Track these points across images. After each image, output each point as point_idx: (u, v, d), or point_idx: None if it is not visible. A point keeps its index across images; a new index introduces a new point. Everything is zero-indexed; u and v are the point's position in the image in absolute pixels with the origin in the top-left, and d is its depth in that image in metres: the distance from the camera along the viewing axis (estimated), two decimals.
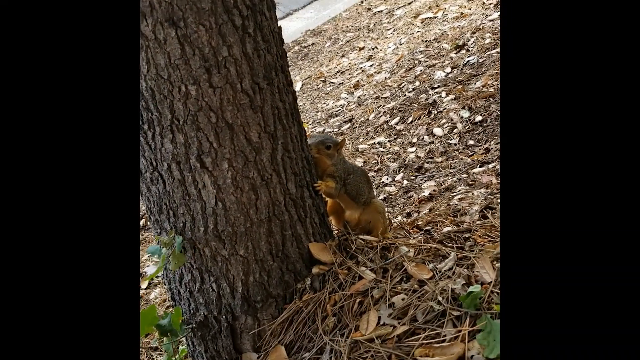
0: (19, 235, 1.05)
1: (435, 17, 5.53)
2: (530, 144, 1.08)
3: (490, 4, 5.06)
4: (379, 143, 3.63)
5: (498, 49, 3.94)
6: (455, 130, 3.36)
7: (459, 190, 2.49)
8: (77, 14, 1.10)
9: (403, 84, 4.33)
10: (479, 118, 3.33)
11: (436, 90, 3.94)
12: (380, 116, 4.02)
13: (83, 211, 1.10)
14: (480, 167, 2.80)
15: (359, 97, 4.59)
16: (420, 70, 4.40)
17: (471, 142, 3.18)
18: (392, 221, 2.17)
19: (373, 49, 5.63)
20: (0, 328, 1.02)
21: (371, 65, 5.18)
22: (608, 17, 1.04)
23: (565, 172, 1.06)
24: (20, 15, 1.06)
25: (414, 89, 4.15)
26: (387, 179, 3.18)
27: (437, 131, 3.44)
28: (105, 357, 1.07)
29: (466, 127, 3.33)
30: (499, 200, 2.08)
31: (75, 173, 1.10)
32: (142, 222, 3.60)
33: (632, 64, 1.03)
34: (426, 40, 4.98)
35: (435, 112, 3.67)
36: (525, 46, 1.09)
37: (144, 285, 3.07)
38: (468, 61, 4.13)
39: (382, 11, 6.75)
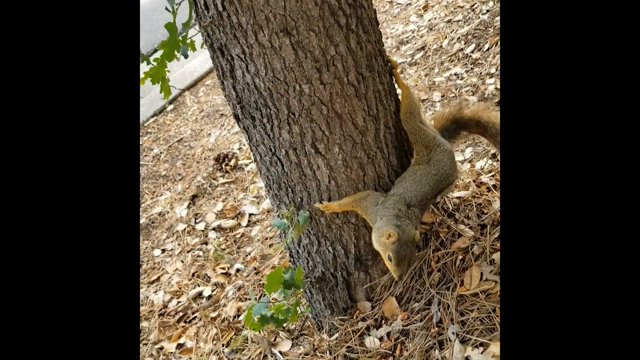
0: (18, 231, 1.05)
1: None
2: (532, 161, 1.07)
3: None
4: (455, 74, 3.65)
5: None
6: None
7: None
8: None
9: (476, 4, 4.22)
10: None
11: None
12: (454, 43, 3.99)
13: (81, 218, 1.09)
14: None
15: (429, 20, 4.52)
16: None
17: None
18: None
19: None
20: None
21: None
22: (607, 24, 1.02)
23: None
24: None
25: (488, 11, 4.05)
26: None
27: None
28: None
29: None
30: None
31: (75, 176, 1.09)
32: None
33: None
34: None
35: None
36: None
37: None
38: None
39: None
